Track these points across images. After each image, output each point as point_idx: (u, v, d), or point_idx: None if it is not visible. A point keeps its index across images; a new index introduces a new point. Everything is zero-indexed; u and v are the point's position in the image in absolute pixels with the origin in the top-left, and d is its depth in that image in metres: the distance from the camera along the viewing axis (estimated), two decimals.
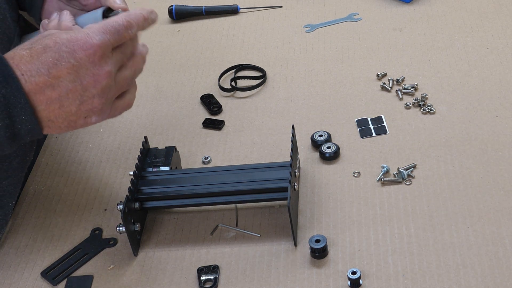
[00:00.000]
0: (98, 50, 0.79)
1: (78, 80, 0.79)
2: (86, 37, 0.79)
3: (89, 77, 0.79)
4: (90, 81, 0.79)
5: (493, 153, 1.00)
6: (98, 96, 0.80)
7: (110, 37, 0.81)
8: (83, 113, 0.81)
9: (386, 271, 0.87)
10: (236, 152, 1.07)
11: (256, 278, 0.88)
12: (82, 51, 0.78)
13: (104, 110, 0.82)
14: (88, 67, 0.79)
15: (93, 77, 0.79)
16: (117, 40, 0.82)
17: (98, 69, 0.79)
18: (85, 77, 0.79)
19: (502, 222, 0.90)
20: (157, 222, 0.97)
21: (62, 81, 0.78)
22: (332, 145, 1.03)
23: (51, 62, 0.78)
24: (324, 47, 1.25)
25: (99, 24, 0.81)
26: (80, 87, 0.79)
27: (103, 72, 0.80)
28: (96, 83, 0.80)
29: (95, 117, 0.82)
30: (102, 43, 0.79)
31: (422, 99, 1.10)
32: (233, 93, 1.18)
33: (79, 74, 0.79)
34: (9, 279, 0.93)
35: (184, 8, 1.37)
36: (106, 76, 0.80)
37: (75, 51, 0.78)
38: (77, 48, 0.78)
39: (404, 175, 0.98)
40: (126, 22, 0.82)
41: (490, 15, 1.26)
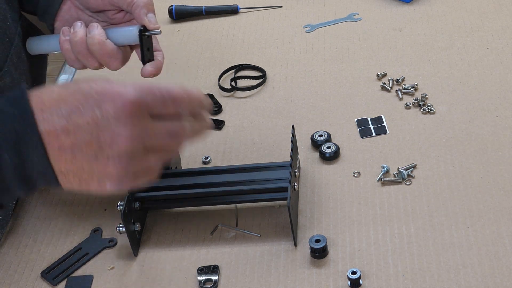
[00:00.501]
0: (128, 107, 0.69)
1: (96, 134, 0.69)
2: (120, 89, 0.69)
3: (108, 135, 0.69)
4: (107, 140, 0.69)
5: (493, 153, 1.00)
6: (113, 159, 0.70)
7: (150, 99, 0.70)
8: (96, 174, 0.71)
9: (386, 271, 0.87)
10: (236, 152, 1.07)
11: (256, 278, 0.88)
12: (110, 102, 0.69)
13: (121, 179, 0.71)
14: (111, 123, 0.69)
15: (112, 137, 0.69)
16: (159, 107, 0.72)
17: (120, 129, 0.69)
18: (104, 133, 0.69)
19: (502, 222, 0.90)
20: (157, 222, 0.97)
21: (80, 130, 0.69)
22: (332, 145, 1.03)
23: (75, 106, 0.69)
24: (324, 47, 1.25)
25: (146, 83, 0.72)
26: (96, 143, 0.69)
27: (124, 133, 0.69)
28: (113, 145, 0.69)
29: (110, 184, 0.71)
30: (136, 100, 0.69)
31: (422, 99, 1.10)
32: (233, 93, 1.18)
33: (99, 127, 0.69)
34: (9, 279, 0.92)
35: (184, 8, 1.37)
36: (127, 141, 0.69)
37: (103, 101, 0.69)
38: (106, 98, 0.69)
39: (404, 175, 0.98)
40: (180, 94, 0.73)
41: (490, 15, 1.26)
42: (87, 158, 0.70)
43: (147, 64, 0.93)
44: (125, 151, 0.70)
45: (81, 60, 0.93)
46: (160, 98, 0.72)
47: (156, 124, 0.72)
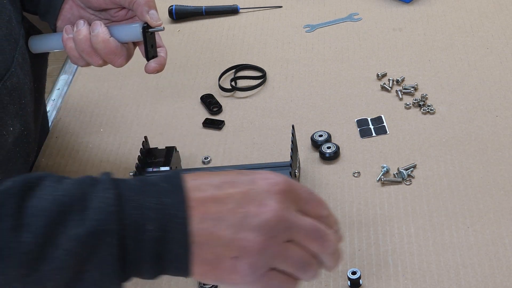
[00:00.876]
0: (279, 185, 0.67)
1: (243, 203, 0.66)
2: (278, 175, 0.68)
3: (256, 204, 0.66)
4: (254, 210, 0.66)
5: (493, 153, 1.00)
6: (253, 230, 0.66)
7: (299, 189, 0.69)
8: (234, 248, 0.66)
9: (386, 271, 0.86)
10: (236, 152, 1.07)
11: None
12: (263, 180, 0.68)
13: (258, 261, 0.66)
14: (260, 194, 0.67)
15: (259, 206, 0.66)
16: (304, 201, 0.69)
17: (268, 200, 0.66)
18: (252, 202, 0.66)
19: (502, 222, 0.90)
20: None
21: (228, 198, 0.67)
22: (332, 145, 1.03)
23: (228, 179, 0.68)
24: (324, 47, 1.25)
25: None
26: (242, 212, 0.66)
27: (272, 205, 0.66)
28: (259, 214, 0.66)
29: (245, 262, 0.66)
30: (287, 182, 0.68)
31: (422, 99, 1.10)
32: (233, 93, 1.18)
33: (249, 196, 0.67)
34: None
35: (184, 8, 1.37)
36: (273, 212, 0.66)
37: (257, 178, 0.68)
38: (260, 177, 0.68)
39: (404, 175, 0.98)
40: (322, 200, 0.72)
41: (490, 15, 1.26)
42: (230, 227, 0.66)
43: (151, 60, 0.94)
44: (269, 222, 0.66)
45: (85, 58, 0.94)
46: (307, 194, 0.70)
47: (301, 217, 0.68)
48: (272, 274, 0.67)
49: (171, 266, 0.66)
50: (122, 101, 1.19)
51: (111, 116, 1.16)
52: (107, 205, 0.65)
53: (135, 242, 0.65)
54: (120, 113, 1.16)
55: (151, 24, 0.92)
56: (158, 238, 0.65)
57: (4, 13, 0.94)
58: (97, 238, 0.64)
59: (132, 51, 0.96)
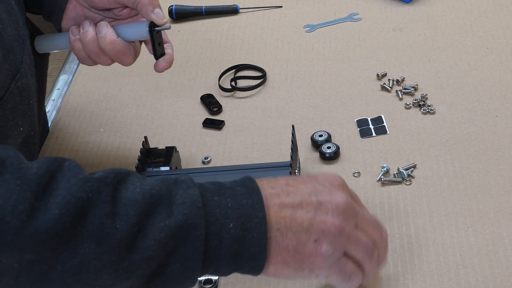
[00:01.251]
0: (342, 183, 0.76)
1: (314, 194, 0.74)
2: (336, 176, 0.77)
3: (326, 194, 0.74)
4: (326, 198, 0.74)
5: (493, 153, 1.00)
6: (331, 214, 0.73)
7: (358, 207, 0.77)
8: (314, 231, 0.72)
9: (386, 271, 0.86)
10: (236, 152, 1.07)
11: (256, 278, 0.88)
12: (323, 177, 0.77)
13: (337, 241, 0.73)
14: (326, 186, 0.75)
15: (329, 194, 0.74)
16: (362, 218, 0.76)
17: (335, 190, 0.75)
18: (322, 193, 0.74)
19: (502, 222, 0.90)
20: None
21: (298, 190, 0.74)
22: (332, 145, 1.03)
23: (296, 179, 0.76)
24: (324, 47, 1.25)
25: None
26: (315, 200, 0.73)
27: (341, 194, 0.74)
28: (332, 200, 0.73)
29: (326, 243, 0.72)
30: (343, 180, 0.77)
31: (422, 99, 1.10)
32: (233, 93, 1.18)
33: (317, 189, 0.74)
34: None
35: (184, 8, 1.37)
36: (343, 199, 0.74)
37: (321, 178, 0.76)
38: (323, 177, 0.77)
39: (404, 175, 0.98)
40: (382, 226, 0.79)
41: (490, 15, 1.26)
42: (308, 213, 0.73)
43: (160, 59, 0.94)
44: (341, 207, 0.74)
45: (94, 58, 0.94)
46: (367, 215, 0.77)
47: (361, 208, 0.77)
48: (346, 259, 0.74)
49: (247, 264, 0.71)
50: (122, 101, 1.19)
51: (111, 116, 1.16)
52: (193, 201, 0.69)
53: (217, 240, 0.69)
54: (120, 113, 1.16)
55: (157, 23, 0.92)
56: (238, 237, 0.70)
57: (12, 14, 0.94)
58: (185, 231, 0.68)
59: (139, 49, 0.97)
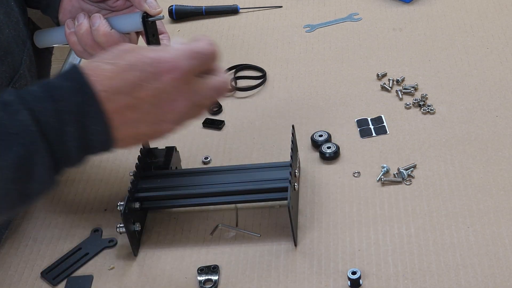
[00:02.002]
0: (184, 76, 0.76)
1: (158, 104, 0.75)
2: (175, 60, 0.75)
3: (169, 102, 0.76)
4: (168, 107, 0.76)
5: (493, 153, 1.00)
6: (172, 122, 0.77)
7: (197, 63, 0.77)
8: (153, 134, 0.78)
9: (386, 271, 0.87)
10: (236, 152, 1.07)
11: (256, 278, 0.88)
12: (168, 74, 0.75)
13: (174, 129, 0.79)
14: (170, 92, 0.75)
15: (172, 103, 0.76)
16: (202, 68, 0.78)
17: (178, 95, 0.76)
18: (166, 101, 0.75)
19: (502, 222, 0.90)
20: (157, 222, 0.97)
21: (143, 103, 0.74)
22: (332, 145, 1.03)
23: (134, 82, 0.74)
24: (324, 47, 1.25)
25: (187, 47, 0.77)
26: (158, 112, 0.76)
27: (182, 98, 0.76)
28: (174, 109, 0.76)
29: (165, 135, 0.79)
30: (189, 68, 0.76)
31: (422, 99, 1.10)
32: (233, 93, 1.18)
33: (160, 98, 0.75)
34: (9, 279, 0.92)
35: (184, 8, 1.37)
36: (185, 103, 0.77)
37: (161, 73, 0.75)
38: (163, 70, 0.75)
39: (404, 175, 0.98)
40: (212, 51, 0.79)
41: (490, 15, 1.26)
42: (149, 125, 0.76)
43: None
44: (184, 113, 0.77)
45: (89, 51, 0.94)
46: (202, 59, 0.78)
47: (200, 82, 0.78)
48: None
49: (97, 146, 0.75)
50: None
51: None
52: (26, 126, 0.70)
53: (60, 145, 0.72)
54: None
55: (150, 13, 0.91)
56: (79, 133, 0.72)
57: (12, 15, 0.94)
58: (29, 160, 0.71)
59: (136, 41, 0.97)
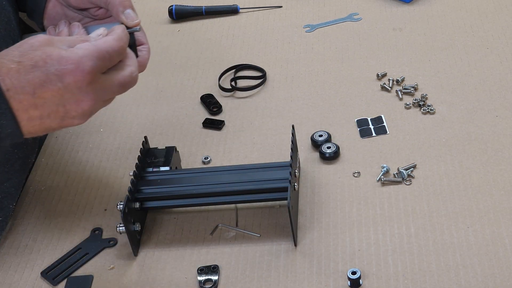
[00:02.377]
0: (87, 77, 0.77)
1: (62, 103, 0.78)
2: (78, 62, 0.77)
3: (73, 102, 0.78)
4: (73, 106, 0.78)
5: (493, 153, 1.00)
6: (79, 117, 0.80)
7: (102, 63, 0.79)
8: (60, 127, 0.81)
9: (386, 271, 0.87)
10: (236, 152, 1.07)
11: (256, 278, 0.88)
12: (71, 76, 0.77)
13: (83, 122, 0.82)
14: (74, 93, 0.78)
15: (76, 102, 0.78)
16: (109, 65, 0.80)
17: (83, 96, 0.78)
18: (69, 101, 0.78)
19: (502, 222, 0.90)
20: (157, 222, 0.97)
21: (46, 102, 0.77)
22: (332, 145, 1.03)
23: (38, 83, 0.76)
24: (324, 47, 1.25)
25: (92, 47, 0.79)
26: (62, 110, 0.78)
27: (88, 98, 0.79)
28: (79, 108, 0.79)
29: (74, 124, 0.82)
30: (93, 69, 0.78)
31: (422, 99, 1.10)
32: (233, 93, 1.18)
33: (63, 98, 0.77)
34: (9, 279, 0.93)
35: (184, 8, 1.37)
36: (90, 103, 0.79)
37: (64, 75, 0.77)
38: (66, 72, 0.77)
39: (404, 175, 0.98)
40: (120, 47, 0.81)
41: (490, 15, 1.26)
42: (55, 121, 0.79)
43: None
44: (89, 110, 0.80)
45: None
46: (109, 58, 0.80)
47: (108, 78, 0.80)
48: None
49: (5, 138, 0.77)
50: (122, 101, 1.19)
51: (111, 116, 1.16)
52: None
53: None
54: (120, 113, 1.16)
55: (126, 24, 0.90)
56: None
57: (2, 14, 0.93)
58: None
59: None
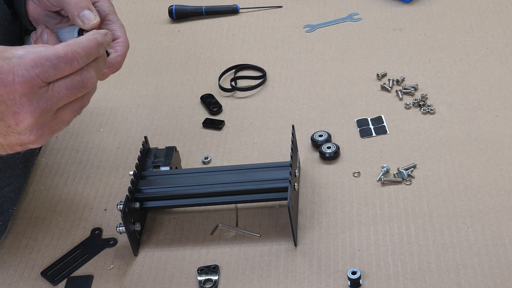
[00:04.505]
0: (19, 88, 0.71)
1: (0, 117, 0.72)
2: (9, 72, 0.71)
3: (11, 115, 0.72)
4: (12, 121, 0.72)
5: (493, 153, 1.00)
6: (25, 132, 0.73)
7: (41, 72, 0.71)
8: (15, 144, 0.75)
9: (386, 271, 0.87)
10: (236, 152, 1.07)
11: (256, 278, 0.88)
12: (2, 86, 0.70)
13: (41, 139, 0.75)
14: (8, 105, 0.71)
15: (14, 116, 0.72)
16: (53, 74, 0.72)
17: (19, 108, 0.71)
18: (6, 114, 0.72)
19: (502, 222, 0.90)
20: (157, 222, 0.97)
21: None
22: (332, 145, 1.03)
23: None
24: (324, 47, 1.25)
25: (34, 54, 0.72)
26: (2, 124, 0.72)
27: (25, 111, 0.71)
28: (19, 122, 0.72)
29: (32, 145, 0.75)
30: (25, 80, 0.71)
31: (422, 99, 1.10)
32: (233, 93, 1.18)
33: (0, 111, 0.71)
34: (9, 279, 0.93)
35: (184, 8, 1.37)
36: (30, 116, 0.72)
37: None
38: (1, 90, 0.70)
39: (404, 175, 0.98)
40: (68, 53, 0.73)
41: (490, 15, 1.26)
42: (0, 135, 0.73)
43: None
44: (32, 124, 0.73)
45: None
46: (52, 67, 0.72)
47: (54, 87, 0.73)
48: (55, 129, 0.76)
49: None
50: (122, 101, 1.19)
51: (111, 116, 1.16)
52: None
53: None
54: (120, 113, 1.16)
55: (83, 27, 0.87)
56: None
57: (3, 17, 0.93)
58: None
59: None
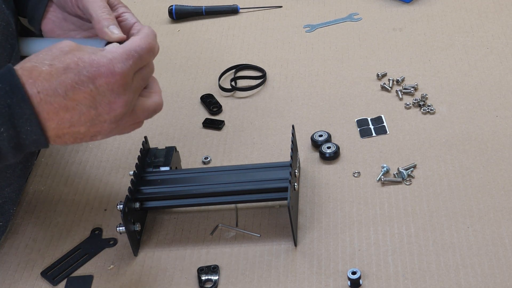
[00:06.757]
0: (119, 79, 0.78)
1: (94, 106, 0.77)
2: (109, 64, 0.77)
3: (105, 104, 0.78)
4: (105, 108, 0.78)
5: (493, 153, 1.00)
6: (109, 122, 0.79)
7: (133, 63, 0.79)
8: (91, 133, 0.80)
9: (386, 271, 0.87)
10: (236, 152, 1.07)
11: (256, 278, 0.88)
12: (103, 78, 0.77)
13: (112, 132, 0.81)
14: (106, 95, 0.78)
15: (109, 105, 0.78)
16: (139, 65, 0.81)
17: (115, 98, 0.78)
18: (101, 103, 0.78)
19: (502, 222, 0.90)
20: (157, 222, 0.97)
21: (78, 105, 0.77)
22: (332, 145, 1.03)
23: (70, 84, 0.76)
24: (324, 47, 1.25)
25: (122, 48, 0.79)
26: (94, 112, 0.78)
27: (120, 100, 0.79)
28: (111, 111, 0.79)
29: (101, 137, 0.81)
30: (124, 71, 0.78)
31: (422, 99, 1.10)
32: (233, 93, 1.18)
33: (95, 100, 0.77)
34: (9, 279, 0.93)
35: (184, 8, 1.37)
36: (122, 105, 0.79)
37: (96, 77, 0.77)
38: (98, 74, 0.77)
39: (404, 175, 0.98)
40: (149, 45, 0.81)
41: (490, 15, 1.26)
42: (85, 124, 0.78)
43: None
44: (121, 113, 0.80)
45: None
46: (139, 58, 0.81)
47: (135, 77, 0.81)
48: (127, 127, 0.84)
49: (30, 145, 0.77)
50: None
51: None
52: None
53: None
54: None
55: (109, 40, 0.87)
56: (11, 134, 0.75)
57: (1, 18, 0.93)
58: None
59: None
